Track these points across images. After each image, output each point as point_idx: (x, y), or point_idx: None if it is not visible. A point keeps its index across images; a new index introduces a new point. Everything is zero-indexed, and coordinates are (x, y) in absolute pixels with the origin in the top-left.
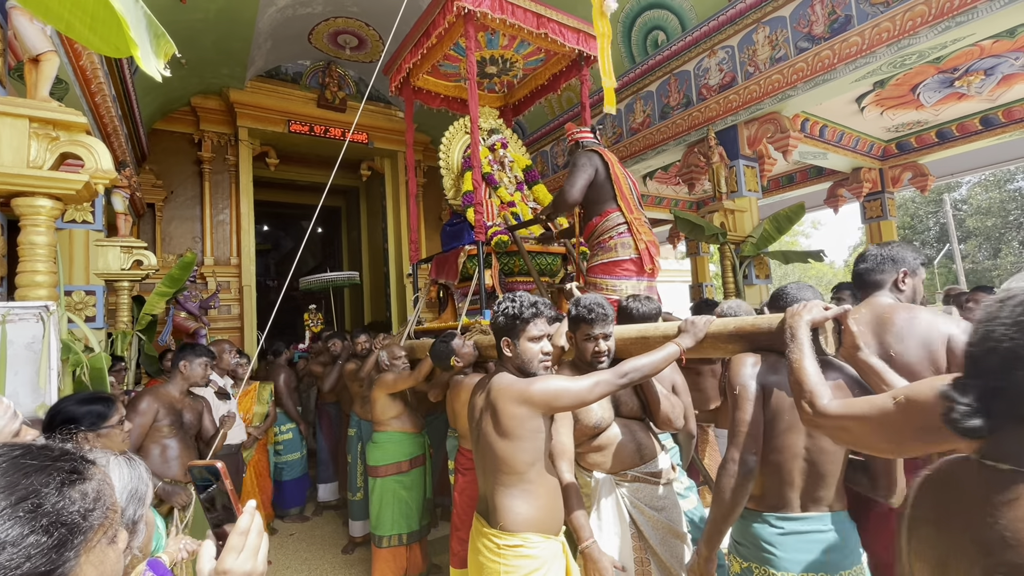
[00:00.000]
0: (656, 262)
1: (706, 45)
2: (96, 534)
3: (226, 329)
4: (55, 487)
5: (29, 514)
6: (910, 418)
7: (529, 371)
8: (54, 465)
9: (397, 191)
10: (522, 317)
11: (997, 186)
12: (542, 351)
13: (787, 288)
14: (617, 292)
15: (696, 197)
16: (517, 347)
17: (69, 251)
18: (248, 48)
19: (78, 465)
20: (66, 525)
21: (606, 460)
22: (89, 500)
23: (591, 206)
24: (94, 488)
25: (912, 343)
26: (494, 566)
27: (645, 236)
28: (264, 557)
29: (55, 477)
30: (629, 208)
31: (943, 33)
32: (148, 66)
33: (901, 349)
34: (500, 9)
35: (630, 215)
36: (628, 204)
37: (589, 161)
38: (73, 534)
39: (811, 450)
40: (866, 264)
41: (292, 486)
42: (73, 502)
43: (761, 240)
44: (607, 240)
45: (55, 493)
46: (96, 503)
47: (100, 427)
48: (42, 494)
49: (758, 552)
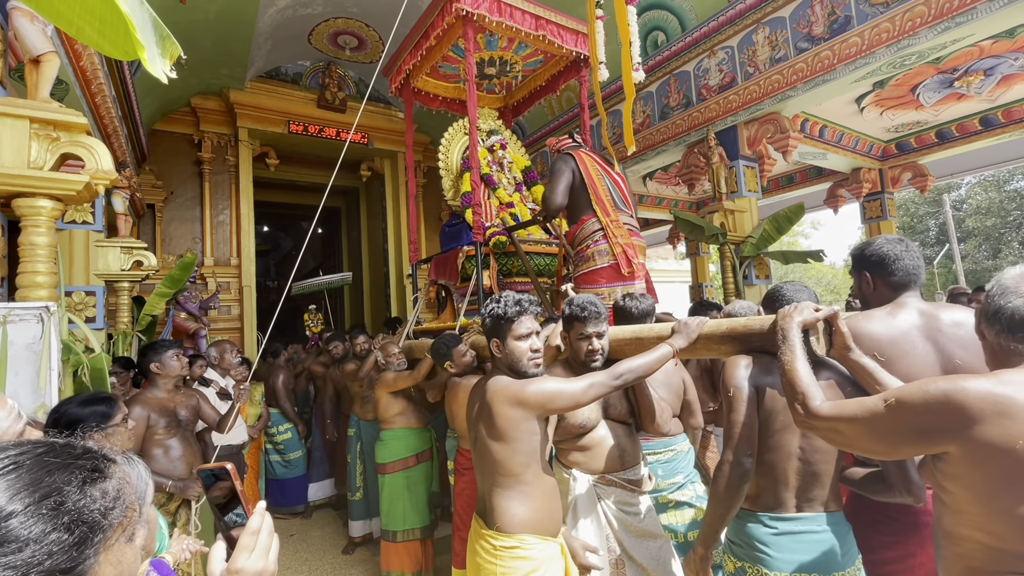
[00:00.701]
0: (635, 264)
1: (706, 46)
2: (115, 532)
3: (226, 330)
4: (77, 485)
5: (52, 511)
6: (901, 420)
7: (519, 370)
8: (76, 463)
9: (397, 191)
10: (506, 317)
11: (996, 186)
12: (530, 348)
13: (783, 288)
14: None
15: (696, 197)
16: (505, 347)
17: (69, 252)
18: (248, 49)
19: (99, 463)
20: (87, 523)
21: (588, 461)
22: (110, 498)
23: (570, 213)
24: (115, 486)
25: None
26: (491, 567)
27: (621, 239)
28: (275, 557)
29: (77, 475)
30: (605, 211)
31: (943, 34)
32: (154, 68)
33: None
34: (498, 11)
35: (605, 218)
36: (604, 207)
37: (565, 164)
38: (94, 532)
39: (806, 450)
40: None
41: (295, 484)
42: (94, 500)
43: (761, 240)
44: (584, 250)
45: (77, 491)
46: (116, 501)
47: (105, 427)
48: (64, 492)
49: (752, 552)
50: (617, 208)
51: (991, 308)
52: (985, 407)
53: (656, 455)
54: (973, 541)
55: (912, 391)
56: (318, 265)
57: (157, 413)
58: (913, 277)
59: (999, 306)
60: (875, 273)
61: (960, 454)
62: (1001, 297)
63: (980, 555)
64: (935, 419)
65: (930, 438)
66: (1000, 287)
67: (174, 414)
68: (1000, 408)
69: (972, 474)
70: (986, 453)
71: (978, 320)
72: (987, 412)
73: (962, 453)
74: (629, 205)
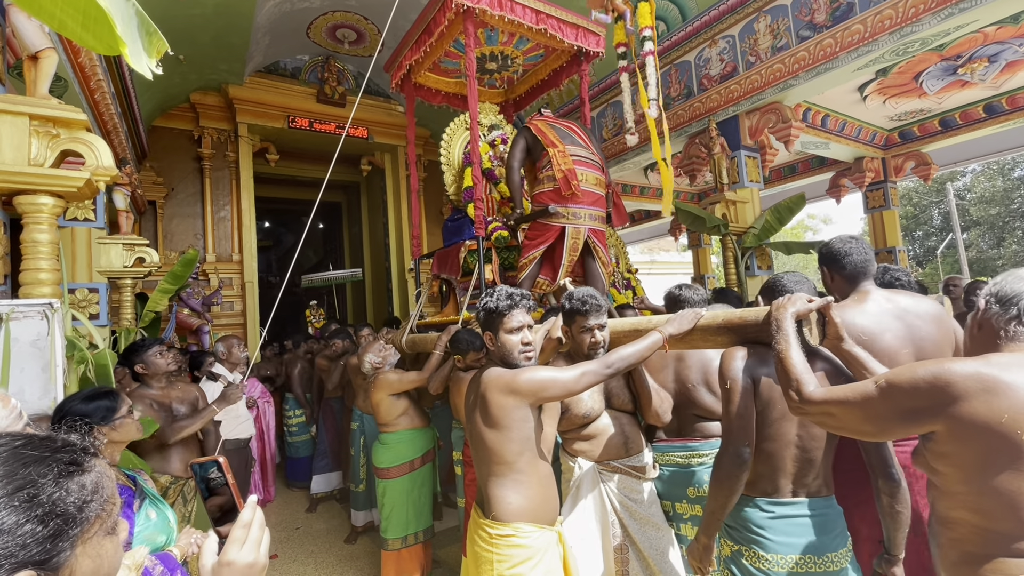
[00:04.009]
0: (574, 186)
1: (707, 35)
2: (93, 526)
3: (229, 325)
4: (53, 478)
5: (25, 503)
6: (892, 401)
7: (510, 362)
8: (53, 456)
9: (398, 186)
10: (498, 310)
11: (1001, 174)
12: (522, 341)
13: (783, 279)
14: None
15: (697, 188)
16: (498, 340)
17: (71, 249)
18: (247, 43)
19: (78, 456)
20: (62, 516)
21: (593, 449)
22: (87, 492)
23: (535, 172)
24: (92, 480)
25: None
26: (487, 555)
27: (564, 165)
28: (266, 550)
29: (53, 468)
30: (552, 144)
31: (946, 20)
32: (138, 64)
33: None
34: (499, 6)
35: (552, 149)
36: (551, 142)
37: (518, 139)
38: (69, 525)
39: (803, 437)
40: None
41: (303, 463)
42: (70, 493)
43: (763, 231)
44: (539, 173)
45: (52, 484)
46: (94, 495)
47: (112, 420)
48: (39, 484)
49: (748, 535)
50: (573, 143)
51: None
52: (970, 384)
53: (701, 458)
54: (967, 524)
55: (901, 373)
56: (320, 260)
57: (151, 410)
58: (862, 269)
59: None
60: (831, 268)
61: (947, 431)
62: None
63: (974, 538)
64: (923, 398)
65: (918, 418)
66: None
67: (169, 409)
68: (985, 385)
69: (960, 452)
70: (972, 429)
71: (986, 304)
72: (972, 389)
73: (949, 430)
74: (587, 144)
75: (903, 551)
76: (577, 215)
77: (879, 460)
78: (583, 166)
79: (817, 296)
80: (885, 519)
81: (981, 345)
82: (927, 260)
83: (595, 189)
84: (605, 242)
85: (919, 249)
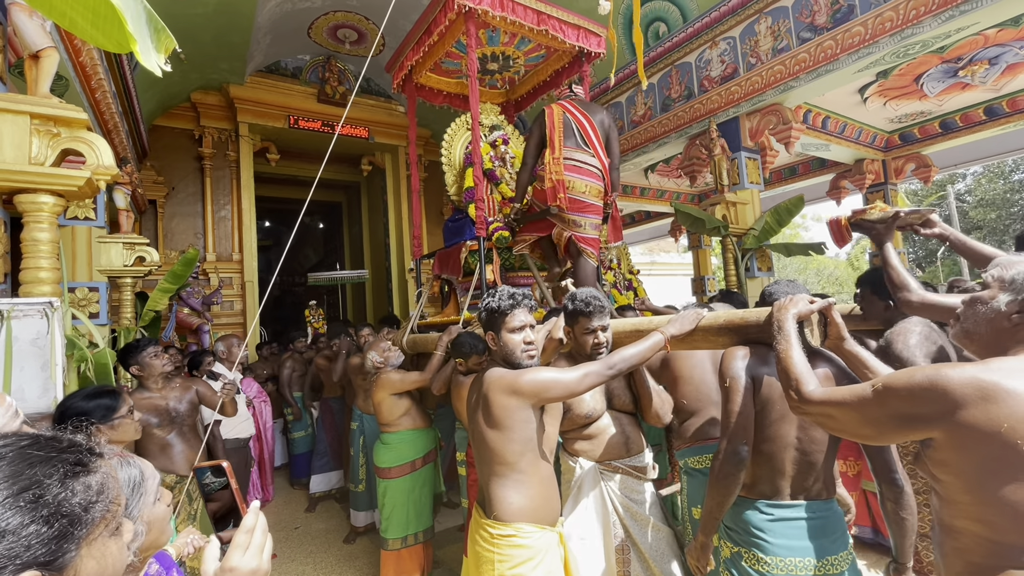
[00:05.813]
0: (560, 199)
1: (708, 36)
2: (98, 527)
3: (229, 325)
4: (58, 478)
5: (30, 504)
6: (888, 405)
7: (513, 362)
8: (59, 456)
9: (398, 186)
10: (500, 310)
11: (1001, 177)
12: (524, 341)
13: (779, 286)
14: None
15: (698, 190)
16: (500, 339)
17: (72, 248)
18: (247, 43)
19: (83, 457)
20: (67, 516)
21: (594, 449)
22: (92, 492)
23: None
24: (98, 481)
25: None
26: (489, 555)
27: (555, 175)
28: (269, 555)
29: (59, 468)
30: (552, 149)
31: (947, 22)
32: (148, 61)
33: None
34: (501, 6)
35: (550, 155)
36: (553, 146)
37: (534, 128)
38: (74, 526)
39: (803, 440)
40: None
41: (303, 459)
42: (75, 494)
43: (763, 233)
44: (538, 173)
45: (58, 484)
46: (99, 496)
47: (111, 419)
48: (44, 485)
49: (748, 537)
50: (577, 146)
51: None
52: (968, 392)
53: None
54: (971, 534)
55: (898, 377)
56: (320, 260)
57: (149, 412)
58: None
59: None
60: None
61: (945, 439)
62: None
63: (979, 549)
64: (920, 404)
65: (915, 424)
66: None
67: (167, 410)
68: (984, 392)
69: (959, 460)
70: (971, 438)
71: (992, 293)
72: (970, 397)
73: (947, 438)
74: (593, 145)
75: (911, 559)
76: (578, 223)
77: (882, 465)
78: (579, 173)
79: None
80: (891, 526)
81: (986, 346)
82: (928, 262)
83: (589, 199)
84: (597, 247)
85: (920, 252)
